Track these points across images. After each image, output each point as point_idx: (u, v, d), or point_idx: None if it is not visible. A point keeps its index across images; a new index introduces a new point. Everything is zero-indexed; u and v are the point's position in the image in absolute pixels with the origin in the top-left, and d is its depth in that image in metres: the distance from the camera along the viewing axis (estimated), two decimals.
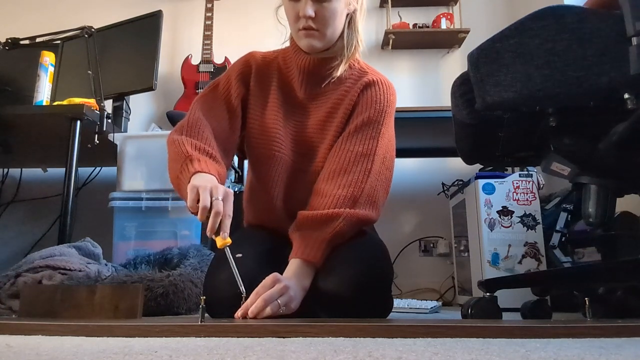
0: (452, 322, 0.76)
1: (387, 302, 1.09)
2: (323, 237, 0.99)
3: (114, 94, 2.16)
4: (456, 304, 2.26)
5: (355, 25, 1.12)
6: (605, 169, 1.04)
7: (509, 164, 1.62)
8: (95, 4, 2.82)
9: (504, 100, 0.91)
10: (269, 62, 1.19)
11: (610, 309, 1.27)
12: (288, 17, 1.10)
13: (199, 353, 0.51)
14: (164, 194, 1.95)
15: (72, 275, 1.35)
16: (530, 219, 1.75)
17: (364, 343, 0.57)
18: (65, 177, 1.73)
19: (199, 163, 0.96)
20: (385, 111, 1.13)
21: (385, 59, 2.72)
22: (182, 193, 0.98)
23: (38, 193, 2.52)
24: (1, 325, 0.72)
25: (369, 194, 1.05)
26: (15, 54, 2.12)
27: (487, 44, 0.93)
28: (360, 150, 1.08)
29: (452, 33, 2.64)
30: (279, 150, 1.13)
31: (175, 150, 1.00)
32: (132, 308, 0.87)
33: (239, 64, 1.19)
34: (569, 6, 0.89)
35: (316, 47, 1.09)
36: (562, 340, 0.62)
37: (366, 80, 1.15)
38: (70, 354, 0.51)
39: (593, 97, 0.88)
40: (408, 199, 2.54)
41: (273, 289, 0.88)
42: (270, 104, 1.16)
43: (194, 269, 1.42)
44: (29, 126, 1.91)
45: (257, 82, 1.17)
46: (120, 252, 1.95)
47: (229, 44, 2.67)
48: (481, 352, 0.50)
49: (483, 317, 1.19)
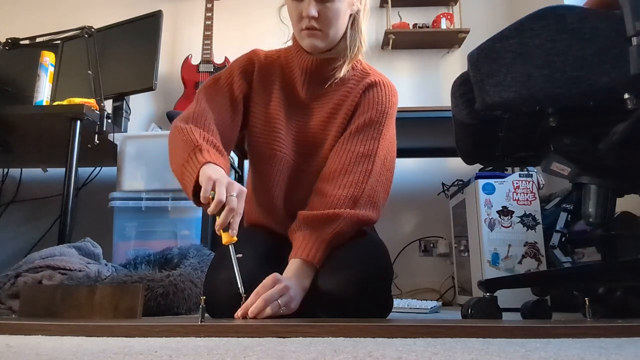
0: (452, 322, 0.76)
1: (387, 302, 1.09)
2: (323, 237, 0.99)
3: (114, 94, 2.16)
4: (456, 304, 2.26)
5: (358, 25, 1.12)
6: (605, 169, 1.04)
7: (509, 164, 1.62)
8: (95, 4, 2.82)
9: (504, 100, 0.91)
10: (272, 61, 1.18)
11: (610, 309, 1.27)
12: (291, 17, 1.10)
13: (199, 353, 0.51)
14: (164, 194, 1.95)
15: (72, 275, 1.35)
16: (530, 219, 1.75)
17: (364, 343, 0.57)
18: (65, 177, 1.73)
19: (208, 154, 0.95)
20: (387, 112, 1.13)
21: (385, 59, 2.72)
22: (184, 182, 0.96)
23: (38, 193, 2.52)
24: (1, 325, 0.72)
25: (370, 194, 1.05)
26: (15, 54, 2.12)
27: (487, 44, 0.93)
28: (361, 151, 1.08)
29: (452, 33, 2.64)
30: (280, 149, 1.13)
31: (183, 138, 0.99)
32: (132, 308, 0.87)
33: (242, 60, 1.18)
34: (569, 6, 0.89)
35: (319, 47, 1.09)
36: (562, 340, 0.62)
37: (368, 81, 1.15)
38: (70, 354, 0.51)
39: (593, 97, 0.88)
40: (408, 199, 2.54)
41: (273, 289, 0.88)
42: (272, 103, 1.16)
43: (194, 269, 1.42)
44: (29, 126, 1.91)
45: (260, 80, 1.17)
46: (120, 252, 1.95)
47: (229, 44, 2.67)
48: (481, 352, 0.50)
49: (483, 317, 1.19)
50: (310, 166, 1.14)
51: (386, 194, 1.11)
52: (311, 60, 1.13)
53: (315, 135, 1.14)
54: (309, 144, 1.15)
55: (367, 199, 1.05)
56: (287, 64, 1.17)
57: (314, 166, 1.14)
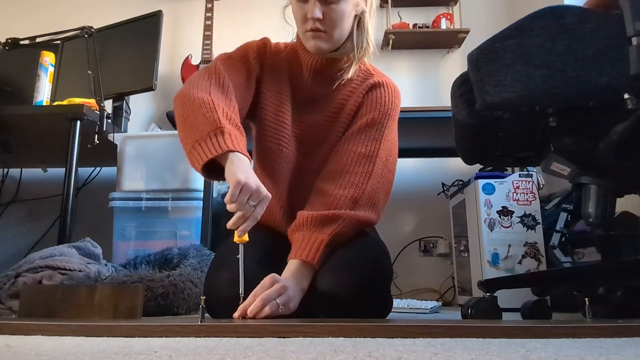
0: (452, 322, 0.76)
1: (387, 302, 1.09)
2: (322, 238, 0.98)
3: (114, 94, 2.16)
4: (456, 304, 2.26)
5: (364, 26, 1.11)
6: (605, 169, 1.04)
7: (509, 164, 1.61)
8: (95, 4, 2.82)
9: (504, 100, 0.91)
10: (280, 53, 1.17)
11: (610, 309, 1.27)
12: (295, 18, 1.10)
13: (199, 353, 0.51)
14: (164, 194, 1.95)
15: (72, 275, 1.35)
16: (530, 219, 1.75)
17: (364, 343, 0.57)
18: (65, 177, 1.73)
19: (230, 139, 0.91)
20: (389, 114, 1.12)
21: (385, 59, 2.72)
22: (193, 156, 0.93)
23: (38, 193, 2.52)
24: (1, 325, 0.72)
25: (370, 195, 1.05)
26: (15, 54, 2.12)
27: (487, 44, 0.93)
28: (362, 152, 1.08)
29: (452, 33, 2.64)
30: (286, 146, 1.13)
31: (203, 112, 0.93)
32: (132, 308, 0.87)
33: (254, 44, 1.16)
34: (568, 6, 0.89)
35: (323, 48, 1.08)
36: (562, 340, 0.62)
37: (372, 82, 1.14)
38: (70, 354, 0.51)
39: (593, 97, 0.88)
40: (408, 199, 2.54)
41: (271, 289, 0.88)
42: (282, 96, 1.14)
43: (194, 269, 1.42)
44: (29, 126, 1.91)
45: (270, 68, 1.15)
46: (120, 252, 1.95)
47: (229, 44, 2.65)
48: (481, 352, 0.50)
49: (483, 317, 1.19)
50: (311, 165, 1.14)
51: (387, 195, 1.11)
52: (316, 60, 1.12)
53: (317, 134, 1.14)
54: (311, 142, 1.15)
55: (367, 200, 1.05)
56: (293, 60, 1.16)
57: (314, 165, 1.14)
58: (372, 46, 1.13)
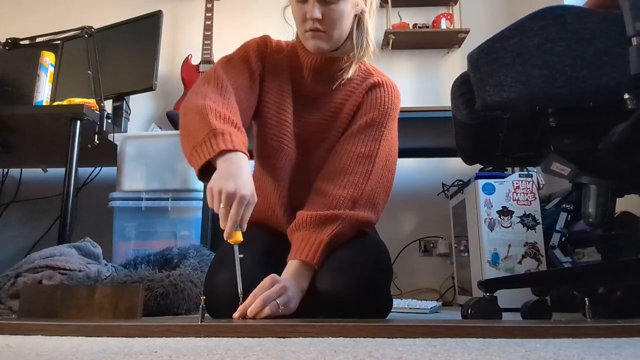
0: (452, 322, 0.76)
1: (387, 302, 1.09)
2: (321, 238, 0.98)
3: (114, 94, 2.16)
4: (456, 304, 2.26)
5: (364, 26, 1.11)
6: (605, 169, 1.04)
7: (509, 164, 1.61)
8: (95, 4, 2.82)
9: (504, 100, 0.91)
10: (281, 51, 1.17)
11: (610, 309, 1.27)
12: (295, 18, 1.10)
13: (199, 353, 0.51)
14: (164, 194, 1.95)
15: (72, 275, 1.35)
16: (530, 219, 1.75)
17: (364, 343, 0.57)
18: (65, 177, 1.73)
19: (223, 139, 0.91)
20: (389, 114, 1.12)
21: (385, 59, 2.72)
22: (192, 163, 0.95)
23: (38, 193, 2.52)
24: (1, 325, 0.72)
25: (369, 196, 1.05)
26: (15, 54, 2.12)
27: (487, 44, 0.93)
28: (362, 152, 1.08)
29: (452, 33, 2.64)
30: (287, 144, 1.13)
31: (198, 119, 0.94)
32: (132, 308, 0.87)
33: (255, 42, 1.16)
34: (568, 6, 0.89)
35: (323, 48, 1.08)
36: (562, 340, 0.62)
37: (372, 82, 1.14)
38: (70, 354, 0.51)
39: (593, 97, 0.87)
40: (408, 199, 2.54)
41: (271, 289, 0.88)
42: (284, 94, 1.14)
43: (193, 269, 1.42)
44: (29, 126, 1.91)
45: (272, 66, 1.15)
46: (120, 252, 1.95)
47: (229, 44, 2.65)
48: (481, 352, 0.50)
49: (483, 317, 1.19)
50: (311, 165, 1.14)
51: (386, 195, 1.11)
52: (316, 59, 1.12)
53: (317, 133, 1.14)
54: (311, 142, 1.14)
55: (367, 200, 1.05)
56: (294, 58, 1.16)
57: (314, 165, 1.13)
58: (372, 46, 1.13)
